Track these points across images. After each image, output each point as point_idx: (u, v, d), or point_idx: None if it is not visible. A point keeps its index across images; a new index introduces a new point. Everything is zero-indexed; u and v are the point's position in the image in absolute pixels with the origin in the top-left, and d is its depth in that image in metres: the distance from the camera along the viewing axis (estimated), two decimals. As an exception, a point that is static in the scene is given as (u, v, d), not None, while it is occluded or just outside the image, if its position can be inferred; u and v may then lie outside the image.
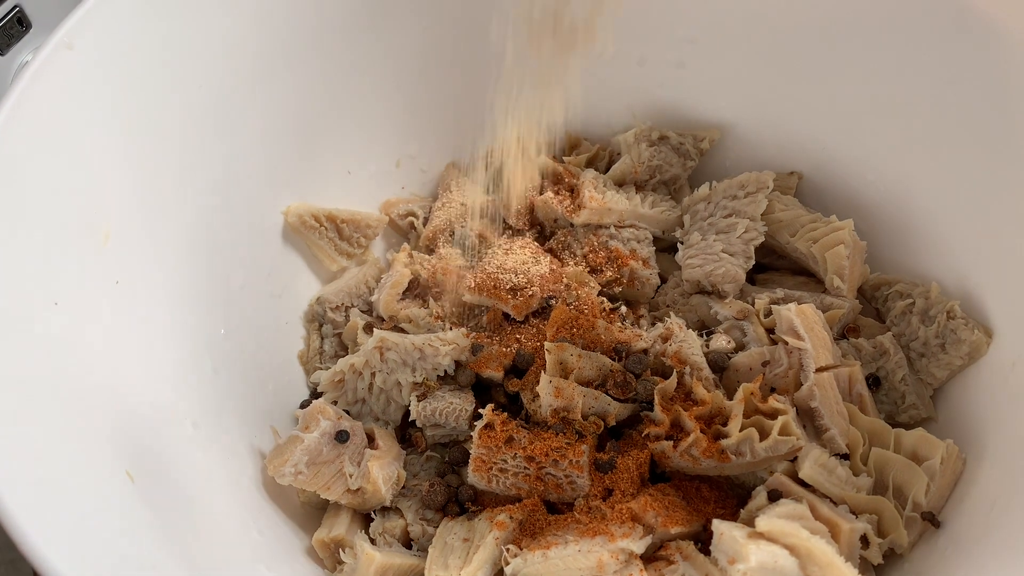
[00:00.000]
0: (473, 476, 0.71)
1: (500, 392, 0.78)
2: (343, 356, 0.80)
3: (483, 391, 0.79)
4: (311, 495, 0.72)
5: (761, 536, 0.60)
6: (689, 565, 0.64)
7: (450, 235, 0.89)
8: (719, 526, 0.62)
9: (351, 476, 0.71)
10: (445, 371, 0.76)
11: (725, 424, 0.69)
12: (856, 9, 0.77)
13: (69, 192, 0.62)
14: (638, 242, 0.85)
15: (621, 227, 0.85)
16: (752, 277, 0.84)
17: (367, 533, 0.73)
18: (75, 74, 0.62)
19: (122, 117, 0.66)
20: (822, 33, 0.80)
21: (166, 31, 0.68)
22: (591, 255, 0.84)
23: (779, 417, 0.68)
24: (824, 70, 0.82)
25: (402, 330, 0.82)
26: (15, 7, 0.83)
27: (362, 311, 0.86)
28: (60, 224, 0.61)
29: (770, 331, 0.76)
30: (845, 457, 0.70)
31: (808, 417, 0.71)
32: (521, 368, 0.76)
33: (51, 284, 0.60)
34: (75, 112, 0.63)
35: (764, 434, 0.67)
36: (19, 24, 0.84)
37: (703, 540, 0.67)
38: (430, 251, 0.90)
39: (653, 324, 0.82)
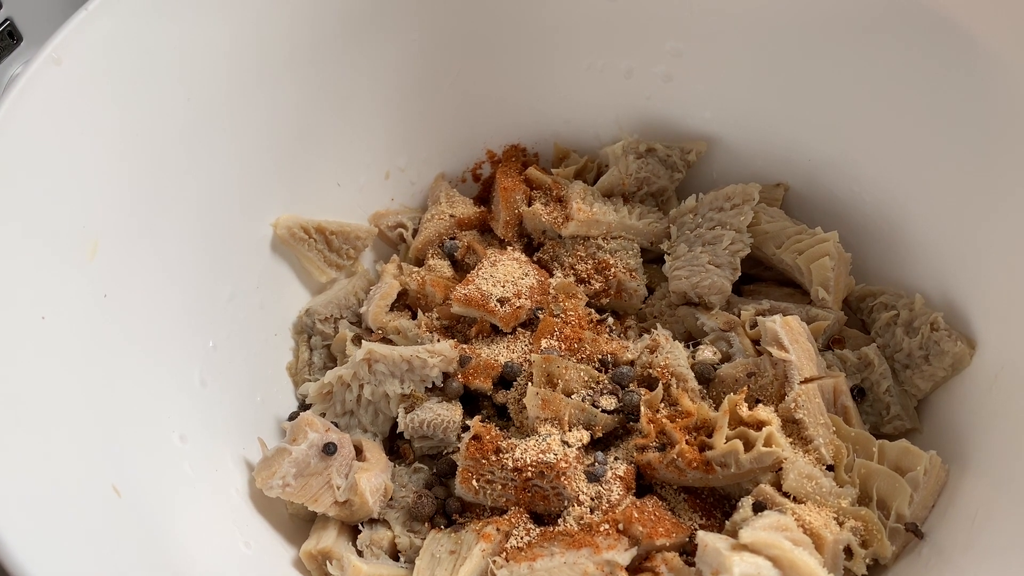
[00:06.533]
0: (460, 488, 0.71)
1: (488, 403, 0.78)
2: (332, 368, 0.81)
3: (471, 402, 0.79)
4: (299, 507, 0.72)
5: (744, 548, 0.61)
6: (674, 576, 0.64)
7: (439, 247, 0.89)
8: (703, 538, 0.63)
9: (339, 488, 0.71)
10: (433, 383, 0.77)
11: (711, 435, 0.70)
12: (841, 22, 0.77)
13: (55, 206, 0.62)
14: (626, 253, 0.85)
15: (609, 239, 0.86)
16: (738, 288, 0.84)
17: (355, 545, 0.73)
18: (62, 89, 0.63)
19: (109, 131, 0.66)
20: (808, 46, 0.80)
21: (154, 45, 0.69)
22: (579, 266, 0.84)
23: (764, 429, 0.68)
24: (810, 82, 0.82)
25: (391, 342, 0.82)
26: (6, 20, 0.84)
27: (351, 323, 0.86)
28: (47, 238, 0.61)
29: (756, 342, 0.77)
30: (829, 468, 0.70)
31: (793, 428, 0.71)
32: (509, 380, 0.77)
33: (38, 298, 0.60)
34: (62, 127, 0.63)
35: (749, 445, 0.68)
36: (10, 37, 0.85)
37: (689, 551, 0.67)
38: (419, 263, 0.90)
39: (640, 335, 0.82)
